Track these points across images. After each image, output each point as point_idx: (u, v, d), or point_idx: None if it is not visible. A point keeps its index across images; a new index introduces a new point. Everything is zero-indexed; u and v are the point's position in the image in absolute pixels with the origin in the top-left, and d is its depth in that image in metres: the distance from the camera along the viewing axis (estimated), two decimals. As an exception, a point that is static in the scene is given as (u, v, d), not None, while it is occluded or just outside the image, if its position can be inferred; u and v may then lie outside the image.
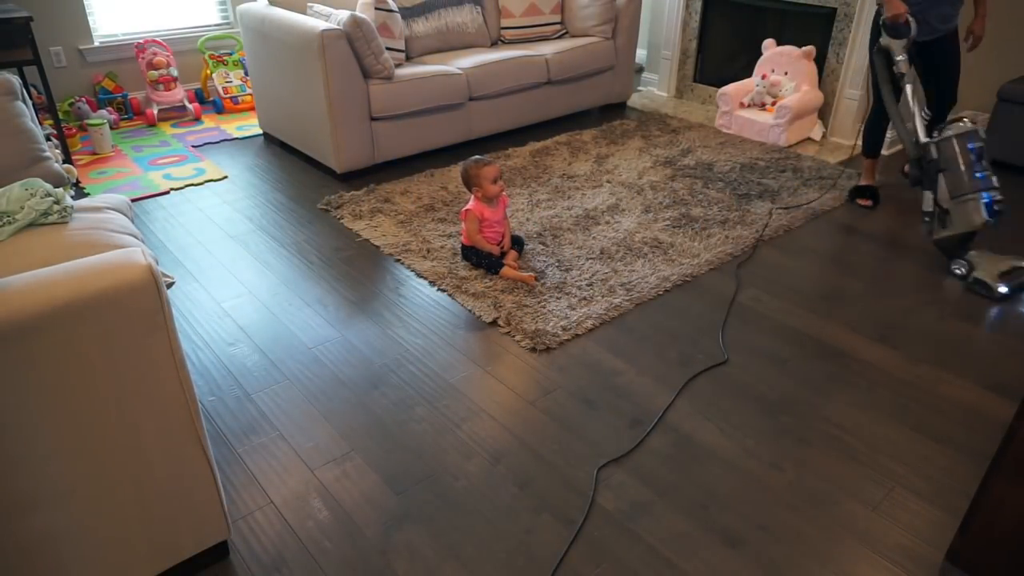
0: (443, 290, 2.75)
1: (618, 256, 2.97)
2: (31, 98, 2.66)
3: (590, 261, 2.93)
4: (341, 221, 3.28)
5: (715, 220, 3.29)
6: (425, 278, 2.83)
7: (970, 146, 2.77)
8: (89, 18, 4.36)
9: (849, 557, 1.71)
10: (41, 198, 1.90)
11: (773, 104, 4.34)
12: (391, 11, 3.80)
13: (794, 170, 3.86)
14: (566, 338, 2.48)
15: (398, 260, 2.96)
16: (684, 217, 3.32)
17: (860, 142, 3.57)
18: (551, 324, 2.53)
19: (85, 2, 4.32)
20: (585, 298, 2.69)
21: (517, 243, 2.96)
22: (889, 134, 4.17)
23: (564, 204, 3.44)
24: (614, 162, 3.94)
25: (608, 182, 3.69)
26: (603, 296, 2.70)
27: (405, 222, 3.26)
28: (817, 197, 3.57)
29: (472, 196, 2.85)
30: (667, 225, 3.24)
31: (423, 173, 3.75)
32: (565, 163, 3.94)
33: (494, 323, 2.55)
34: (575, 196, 3.52)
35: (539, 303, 2.65)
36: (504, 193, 2.88)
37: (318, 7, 3.69)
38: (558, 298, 2.68)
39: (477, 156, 2.88)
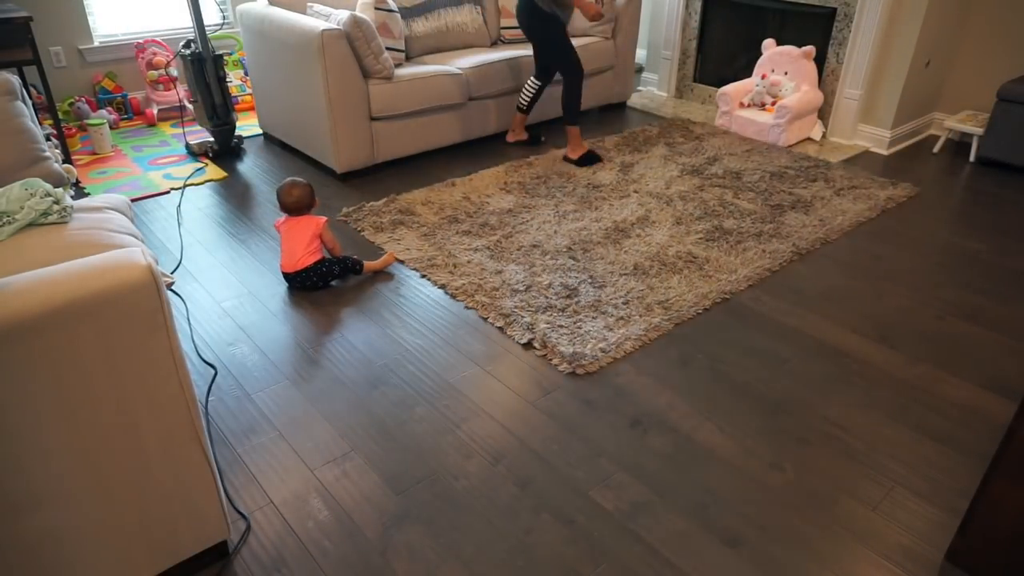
0: (472, 308, 2.62)
1: (652, 272, 2.84)
2: (31, 98, 2.66)
3: (624, 277, 2.80)
4: (362, 234, 3.16)
5: (749, 233, 3.17)
6: (453, 296, 2.70)
7: None
8: (89, 18, 4.36)
9: (849, 557, 1.71)
10: (41, 198, 1.90)
11: (773, 104, 4.34)
12: (391, 11, 3.80)
13: (825, 179, 3.73)
14: (606, 361, 2.35)
15: (424, 276, 2.83)
16: (717, 230, 3.19)
17: (569, 115, 3.84)
18: (589, 346, 2.40)
19: (85, 2, 4.32)
20: (622, 318, 2.55)
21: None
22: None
23: (592, 216, 3.30)
24: (639, 171, 3.82)
25: (635, 192, 3.56)
26: (640, 315, 2.57)
27: (429, 235, 3.13)
28: (850, 207, 3.45)
29: (286, 222, 2.78)
30: (700, 238, 3.11)
31: (444, 183, 3.63)
32: (589, 171, 3.81)
33: (529, 345, 2.44)
34: (603, 207, 3.39)
35: (575, 323, 2.52)
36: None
37: (318, 7, 3.69)
38: (594, 317, 2.55)
39: (291, 180, 2.78)
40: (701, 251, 3.02)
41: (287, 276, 2.75)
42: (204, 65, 3.72)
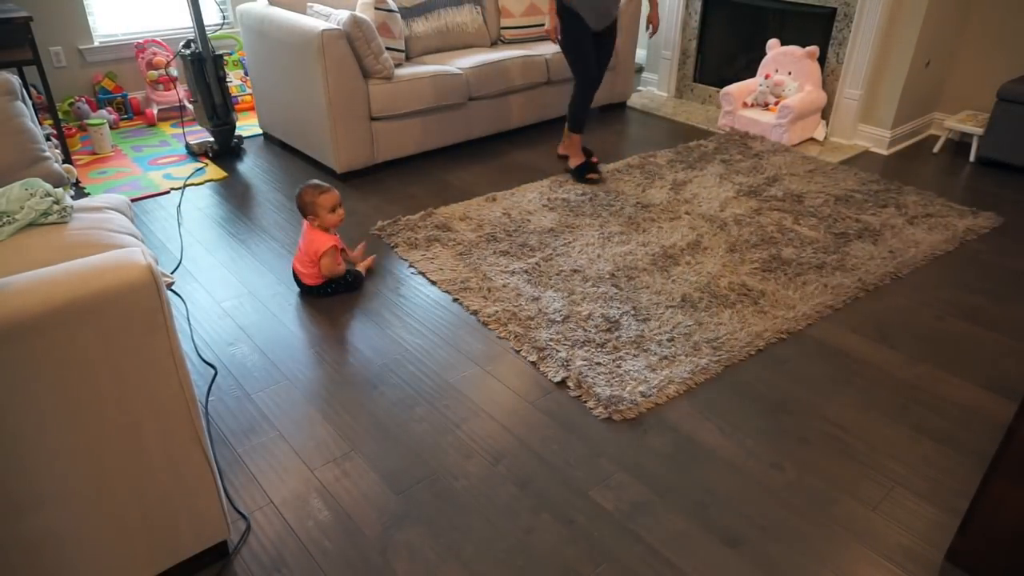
0: (504, 339, 2.46)
1: (702, 305, 2.62)
2: (31, 98, 2.66)
3: (670, 310, 2.58)
4: (395, 250, 3.02)
5: (810, 264, 2.91)
6: (485, 324, 2.54)
7: None
8: (89, 18, 4.36)
9: (849, 557, 1.71)
10: (41, 198, 1.90)
11: (776, 104, 4.34)
12: (391, 11, 3.80)
13: (897, 205, 3.45)
14: (646, 406, 2.16)
15: (456, 300, 2.68)
16: (775, 259, 2.94)
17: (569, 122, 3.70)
18: (628, 389, 2.20)
19: (85, 2, 4.32)
20: (667, 357, 2.34)
21: None
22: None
23: (639, 239, 3.08)
24: (692, 190, 3.57)
25: (687, 214, 3.32)
26: (687, 355, 2.36)
27: (464, 254, 2.96)
28: (924, 238, 3.16)
29: (306, 223, 2.66)
30: (755, 268, 2.87)
31: (483, 196, 3.47)
32: (639, 189, 3.58)
33: (562, 384, 2.26)
34: (651, 230, 3.17)
35: (614, 361, 2.31)
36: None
37: (318, 7, 3.69)
38: (635, 355, 2.34)
39: (315, 181, 2.69)
40: (756, 283, 2.77)
41: (295, 276, 2.75)
42: (204, 65, 3.73)
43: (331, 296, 2.73)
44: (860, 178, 3.79)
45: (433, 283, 2.79)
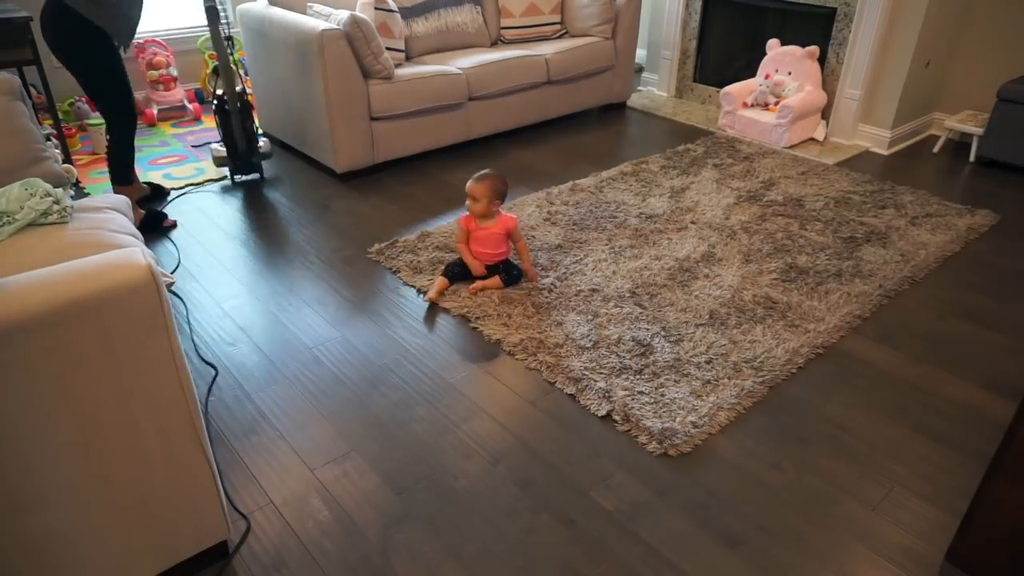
0: (535, 369, 2.32)
1: (731, 322, 2.53)
2: (31, 98, 2.66)
3: (700, 328, 2.49)
4: (398, 275, 2.85)
5: (828, 272, 2.86)
6: (511, 354, 2.40)
7: None
8: (89, 18, 4.36)
9: (849, 557, 1.71)
10: (41, 198, 1.91)
11: (776, 104, 4.34)
12: (391, 11, 3.80)
13: (896, 206, 3.45)
14: (700, 438, 2.04)
15: (475, 328, 2.53)
16: (792, 268, 2.88)
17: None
18: (679, 419, 2.09)
19: (85, 2, 4.32)
20: (709, 381, 2.24)
21: (507, 273, 2.75)
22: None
23: (652, 253, 2.99)
24: (692, 197, 3.52)
25: (693, 223, 3.25)
26: (729, 378, 2.26)
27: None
28: (930, 239, 3.16)
29: (469, 218, 2.73)
30: (775, 279, 2.81)
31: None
32: (639, 198, 3.50)
33: (607, 417, 2.13)
34: (661, 242, 3.08)
35: (656, 388, 2.20)
36: (500, 217, 2.73)
37: (318, 7, 3.69)
38: (676, 381, 2.23)
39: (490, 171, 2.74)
40: (780, 295, 2.70)
41: (457, 269, 2.79)
42: (231, 116, 3.41)
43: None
44: (853, 179, 3.78)
45: (446, 310, 2.65)
